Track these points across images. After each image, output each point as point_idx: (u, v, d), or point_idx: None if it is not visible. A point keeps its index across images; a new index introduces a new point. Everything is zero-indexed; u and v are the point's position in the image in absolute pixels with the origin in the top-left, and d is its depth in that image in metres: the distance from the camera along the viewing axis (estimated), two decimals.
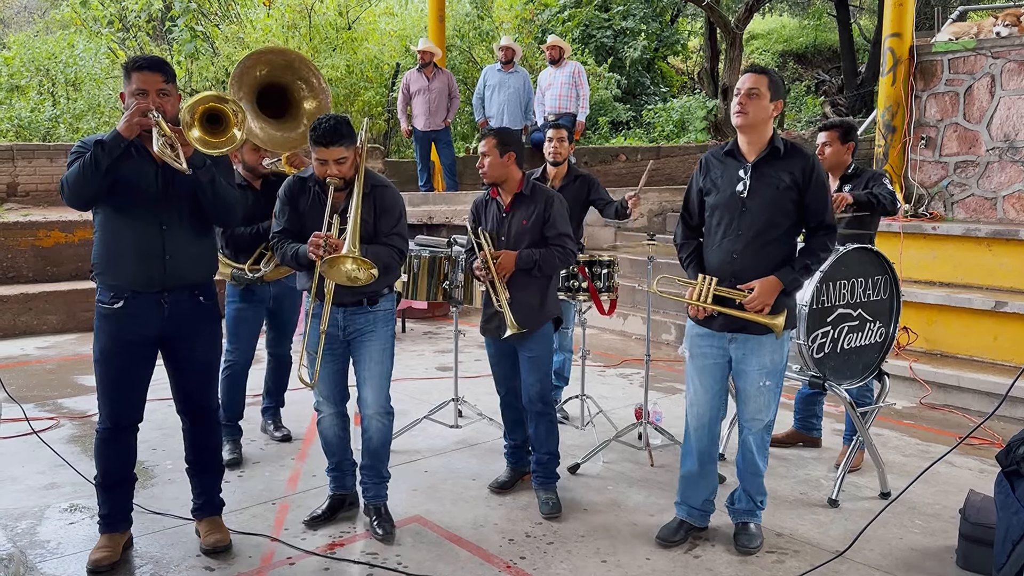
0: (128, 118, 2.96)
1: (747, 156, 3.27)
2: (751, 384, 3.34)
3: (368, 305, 3.48)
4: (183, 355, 3.29)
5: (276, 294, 4.48)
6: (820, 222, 3.27)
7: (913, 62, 7.57)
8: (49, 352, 6.82)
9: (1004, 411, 5.17)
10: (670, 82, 17.97)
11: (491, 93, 9.34)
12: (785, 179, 3.21)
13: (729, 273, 3.26)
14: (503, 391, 4.00)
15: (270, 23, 12.17)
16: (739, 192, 3.25)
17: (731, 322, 3.27)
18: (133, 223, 3.11)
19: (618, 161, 11.94)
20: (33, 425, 4.22)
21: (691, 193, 3.45)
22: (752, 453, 3.44)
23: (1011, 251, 6.24)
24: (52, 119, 11.06)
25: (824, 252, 3.30)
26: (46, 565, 3.26)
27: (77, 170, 2.97)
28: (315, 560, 3.34)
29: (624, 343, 7.59)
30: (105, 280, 3.17)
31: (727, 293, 3.24)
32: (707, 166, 3.39)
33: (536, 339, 3.75)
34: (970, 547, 3.30)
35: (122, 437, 3.26)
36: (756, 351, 3.29)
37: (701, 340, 3.40)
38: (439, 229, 8.76)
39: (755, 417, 3.40)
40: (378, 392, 3.53)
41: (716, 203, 3.31)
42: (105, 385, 3.20)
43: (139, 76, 3.04)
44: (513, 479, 4.04)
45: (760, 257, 3.24)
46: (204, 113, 3.03)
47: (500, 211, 3.80)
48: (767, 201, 3.22)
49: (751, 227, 3.23)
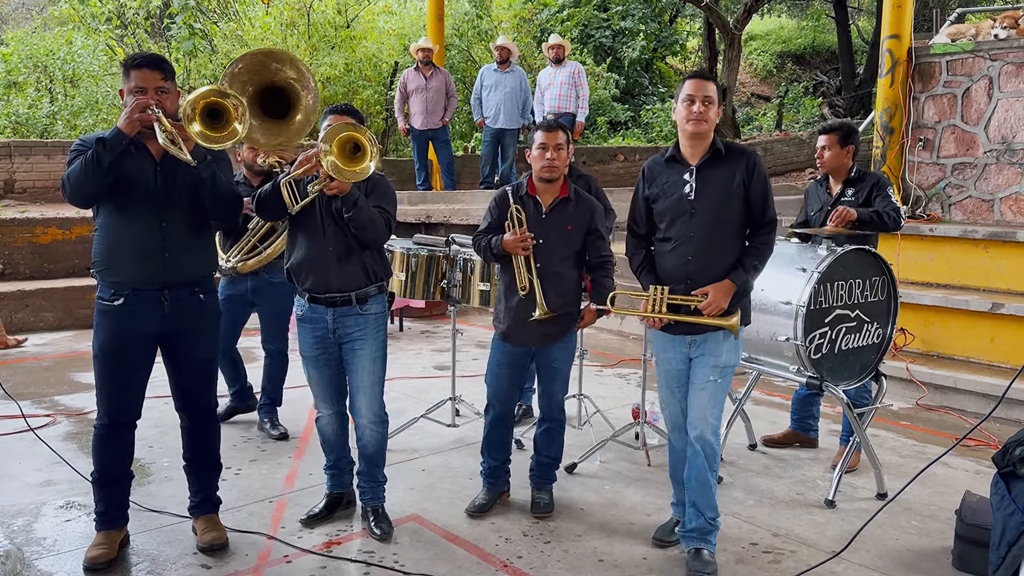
0: (129, 114, 2.97)
1: (690, 160, 3.27)
2: (700, 378, 3.29)
3: (358, 305, 3.44)
4: (183, 352, 3.29)
5: (253, 287, 4.57)
6: (763, 218, 3.28)
7: (911, 64, 7.58)
8: (46, 349, 6.81)
9: (1000, 412, 5.18)
10: (668, 82, 18.00)
11: (488, 93, 9.34)
12: (729, 179, 3.22)
13: (684, 276, 3.26)
14: (499, 408, 3.76)
15: (268, 21, 12.16)
16: (687, 195, 3.25)
17: (690, 325, 3.27)
18: (133, 220, 3.12)
19: (616, 161, 11.95)
20: (30, 422, 4.21)
21: (637, 202, 3.42)
22: (701, 457, 3.25)
23: (1008, 253, 6.25)
24: (50, 116, 11.05)
25: (767, 249, 3.29)
26: (43, 562, 3.26)
27: (79, 168, 2.97)
28: (312, 558, 3.34)
29: (621, 343, 7.59)
30: (105, 277, 3.17)
31: (681, 300, 3.24)
32: (651, 174, 3.38)
33: (563, 349, 3.71)
34: (966, 548, 3.30)
35: (120, 434, 3.26)
36: (713, 350, 3.28)
37: (663, 346, 3.40)
38: (437, 228, 8.75)
39: (702, 417, 3.26)
40: (371, 401, 3.51)
41: (665, 208, 3.30)
42: (104, 382, 3.20)
43: (138, 73, 3.05)
44: (491, 501, 3.83)
45: (713, 258, 3.24)
46: (205, 108, 3.05)
47: (539, 211, 3.64)
48: (715, 202, 3.22)
49: (702, 229, 3.23)
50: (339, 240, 3.37)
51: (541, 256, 3.58)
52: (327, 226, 3.36)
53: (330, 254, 3.37)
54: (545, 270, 3.58)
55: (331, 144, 3.15)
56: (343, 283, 3.40)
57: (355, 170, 3.16)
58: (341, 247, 3.37)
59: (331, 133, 3.17)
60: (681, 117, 3.22)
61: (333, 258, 3.37)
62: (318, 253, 3.38)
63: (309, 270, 3.41)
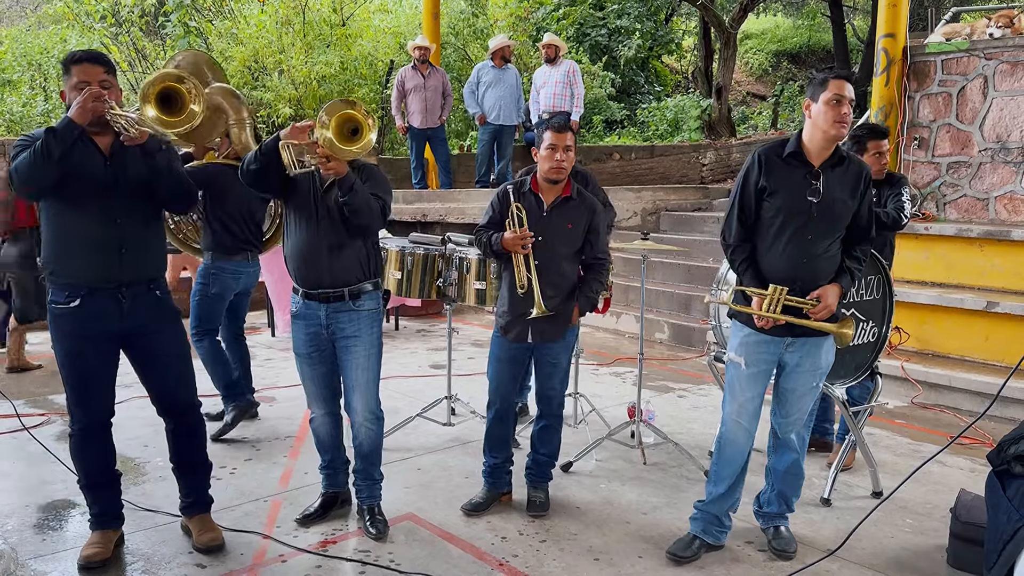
0: (81, 103, 2.92)
1: (814, 160, 3.20)
2: (803, 385, 3.32)
3: (351, 301, 3.42)
4: (148, 351, 3.25)
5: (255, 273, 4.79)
6: (869, 230, 3.29)
7: (906, 63, 7.60)
8: (40, 348, 6.79)
9: (995, 411, 5.19)
10: (664, 81, 18.00)
11: (485, 90, 9.33)
12: (848, 186, 3.21)
13: (795, 278, 3.20)
14: (500, 404, 3.76)
15: (264, 19, 12.11)
16: (810, 197, 3.17)
17: (790, 327, 3.23)
18: (85, 216, 3.06)
19: (612, 160, 11.94)
20: (24, 421, 4.20)
21: (748, 191, 3.27)
22: (797, 453, 3.43)
23: (1003, 251, 6.27)
24: (44, 114, 10.99)
25: (865, 259, 3.35)
26: (37, 562, 3.25)
27: (27, 158, 2.91)
28: (307, 557, 3.33)
29: (617, 341, 7.59)
30: (58, 279, 3.10)
31: (796, 303, 3.18)
32: (768, 165, 3.24)
33: (563, 346, 3.71)
34: (961, 546, 3.31)
35: (98, 436, 3.24)
36: (813, 353, 3.28)
37: (759, 347, 3.30)
38: (433, 227, 8.74)
39: (799, 417, 3.40)
40: (366, 399, 3.50)
41: (781, 205, 3.20)
42: (73, 386, 3.15)
43: (79, 68, 3.03)
44: (489, 500, 3.82)
45: (824, 262, 3.22)
46: (159, 93, 3.05)
47: (541, 208, 3.63)
48: (835, 207, 3.18)
49: (819, 232, 3.19)
50: (333, 232, 3.34)
51: (541, 253, 3.57)
52: (321, 218, 3.34)
53: (323, 246, 3.34)
54: (544, 267, 3.57)
55: (330, 119, 3.11)
56: (335, 277, 3.38)
57: (350, 148, 3.12)
58: (334, 239, 3.34)
59: (332, 108, 3.12)
60: (826, 119, 3.11)
61: (325, 250, 3.35)
62: (311, 245, 3.35)
63: (302, 261, 3.38)
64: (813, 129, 3.18)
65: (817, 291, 3.17)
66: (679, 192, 10.27)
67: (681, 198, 10.07)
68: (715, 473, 3.45)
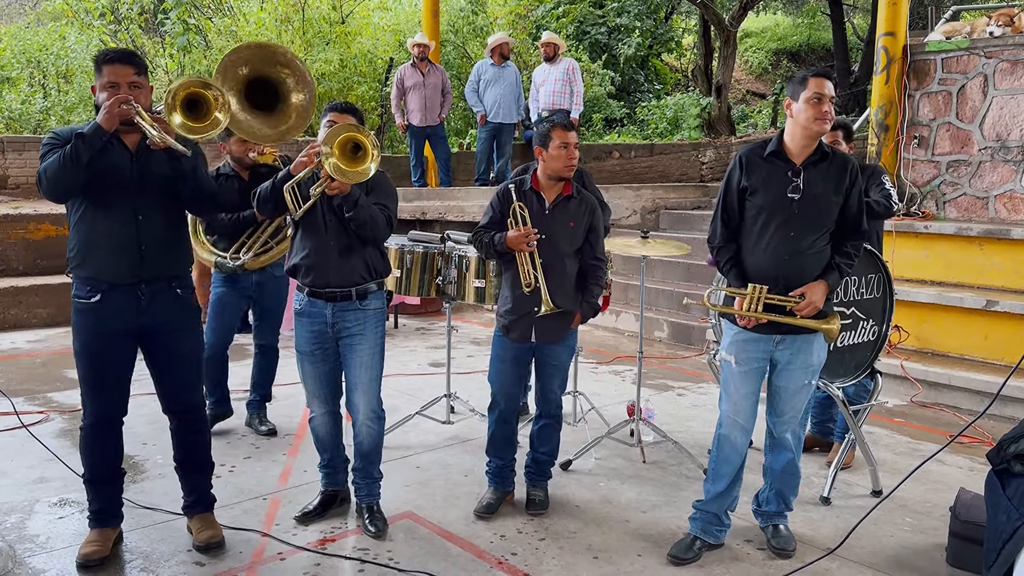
0: (108, 109, 2.94)
1: (795, 158, 3.21)
2: (795, 382, 3.32)
3: (357, 300, 3.43)
4: (164, 349, 3.26)
5: (258, 281, 4.57)
6: (859, 227, 3.28)
7: (906, 61, 7.59)
8: (39, 346, 6.78)
9: (995, 410, 5.19)
10: (664, 79, 17.99)
11: (486, 87, 9.33)
12: (832, 183, 3.20)
13: (779, 276, 3.20)
14: (505, 405, 3.74)
15: (263, 16, 12.11)
16: (791, 194, 3.18)
17: (777, 324, 3.23)
18: (108, 214, 3.09)
19: (611, 158, 11.93)
20: (23, 419, 4.20)
21: (731, 192, 3.31)
22: (792, 452, 3.43)
23: (1002, 250, 6.27)
24: (43, 111, 10.98)
25: (857, 256, 3.33)
26: (35, 560, 3.24)
27: (56, 162, 2.94)
28: (306, 555, 3.33)
29: (616, 340, 7.59)
30: (81, 274, 3.14)
31: (779, 300, 3.18)
32: (749, 165, 3.27)
33: (565, 345, 3.71)
34: (960, 545, 3.31)
35: (108, 432, 3.24)
36: (804, 350, 3.28)
37: (748, 346, 3.30)
38: (432, 225, 8.74)
39: (793, 416, 3.40)
40: (368, 397, 3.50)
41: (763, 204, 3.22)
42: (88, 381, 3.17)
43: (110, 68, 3.03)
44: (499, 501, 3.80)
45: (808, 260, 3.21)
46: (185, 99, 3.05)
47: (542, 207, 3.64)
48: (818, 204, 3.18)
49: (802, 229, 3.19)
50: (340, 236, 3.37)
51: (544, 252, 3.58)
52: (328, 222, 3.36)
53: (331, 249, 3.37)
54: (548, 266, 3.57)
55: (332, 146, 3.14)
56: (343, 278, 3.40)
57: (357, 170, 3.15)
58: (342, 242, 3.37)
59: (332, 135, 3.16)
60: (807, 116, 3.12)
61: (334, 253, 3.37)
62: (319, 248, 3.38)
63: (310, 265, 3.40)
64: (794, 127, 3.20)
65: (802, 288, 3.18)
66: (679, 190, 10.27)
67: (681, 196, 10.07)
68: (713, 471, 3.45)
